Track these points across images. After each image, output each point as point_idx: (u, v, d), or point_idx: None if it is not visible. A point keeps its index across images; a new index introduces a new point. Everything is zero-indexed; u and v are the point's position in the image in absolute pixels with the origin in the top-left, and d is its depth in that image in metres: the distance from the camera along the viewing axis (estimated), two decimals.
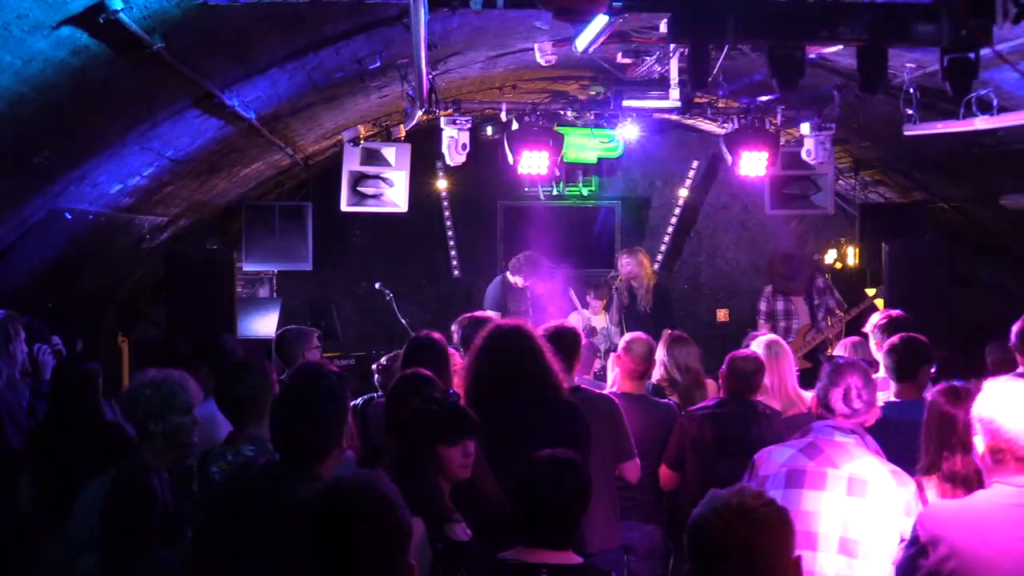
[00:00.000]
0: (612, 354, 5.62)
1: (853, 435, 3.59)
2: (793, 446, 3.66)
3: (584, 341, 5.18)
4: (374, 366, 5.40)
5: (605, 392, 5.14)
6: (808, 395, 5.40)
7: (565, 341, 4.66)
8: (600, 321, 8.87)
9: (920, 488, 3.56)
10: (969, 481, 3.35)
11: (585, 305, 9.23)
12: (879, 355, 5.43)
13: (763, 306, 8.46)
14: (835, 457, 3.52)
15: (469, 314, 5.79)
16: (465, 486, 3.53)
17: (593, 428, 4.31)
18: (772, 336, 5.69)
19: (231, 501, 3.18)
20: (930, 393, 3.83)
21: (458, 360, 4.99)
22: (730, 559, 2.01)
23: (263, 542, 2.94)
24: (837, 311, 8.20)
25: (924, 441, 3.68)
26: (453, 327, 5.65)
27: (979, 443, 2.83)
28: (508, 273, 9.14)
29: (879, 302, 8.17)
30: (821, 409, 3.69)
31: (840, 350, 6.14)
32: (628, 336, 5.45)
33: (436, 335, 4.97)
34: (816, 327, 8.09)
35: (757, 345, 5.34)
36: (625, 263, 8.69)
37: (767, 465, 3.63)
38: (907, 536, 3.03)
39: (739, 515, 2.03)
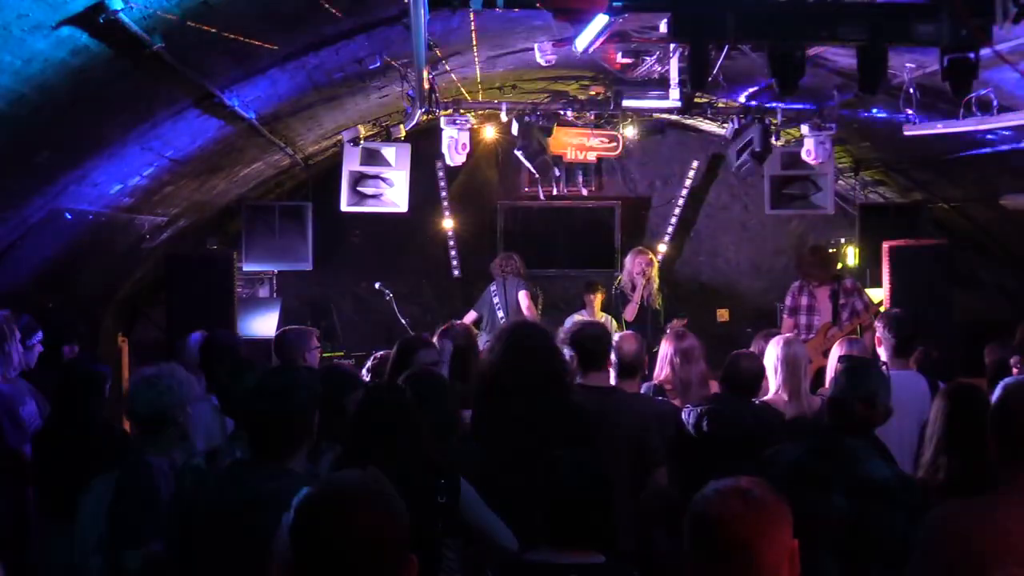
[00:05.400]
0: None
1: (864, 437, 3.58)
2: (801, 446, 3.65)
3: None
4: (367, 365, 5.40)
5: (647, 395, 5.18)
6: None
7: (597, 341, 4.72)
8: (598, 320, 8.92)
9: (925, 492, 3.56)
10: (968, 481, 3.35)
11: (582, 305, 9.30)
12: (880, 351, 5.44)
13: (788, 300, 8.43)
14: (842, 459, 3.51)
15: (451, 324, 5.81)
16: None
17: (623, 431, 4.44)
18: (788, 335, 5.69)
19: (199, 503, 3.20)
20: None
21: None
22: (726, 535, 2.03)
23: (236, 540, 2.97)
24: (863, 313, 8.15)
25: (926, 440, 3.69)
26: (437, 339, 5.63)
27: (993, 439, 2.83)
28: (499, 274, 9.22)
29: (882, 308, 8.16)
30: (837, 410, 3.63)
31: (839, 348, 6.12)
32: (617, 335, 5.45)
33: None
34: (838, 325, 8.08)
35: (774, 342, 5.30)
36: (639, 262, 8.71)
37: (774, 464, 3.62)
38: (914, 539, 3.03)
39: (736, 493, 2.06)
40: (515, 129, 7.71)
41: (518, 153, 7.75)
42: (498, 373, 4.22)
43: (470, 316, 9.09)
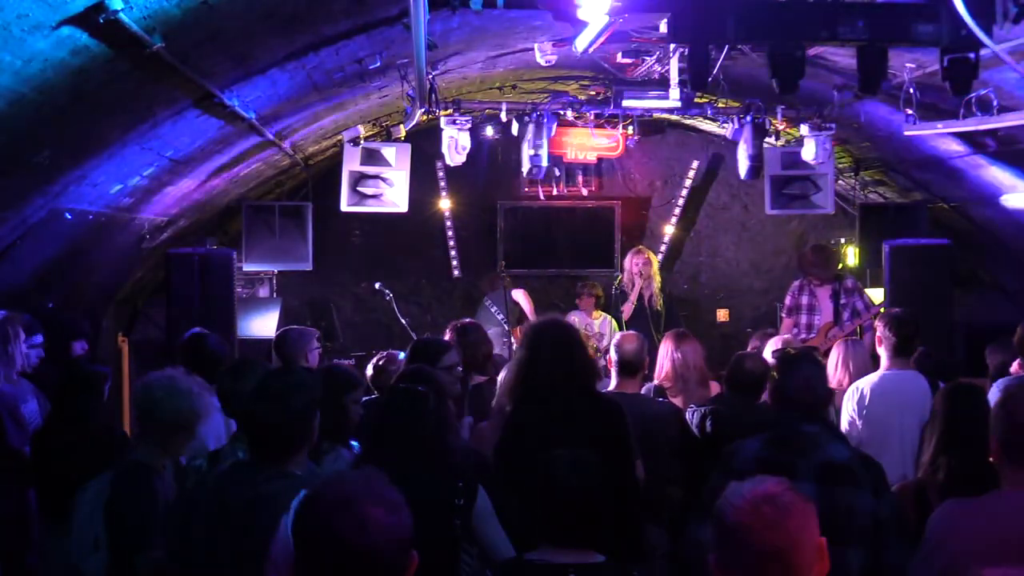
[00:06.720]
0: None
1: (818, 422, 3.60)
2: (761, 438, 3.66)
3: None
4: (369, 366, 5.39)
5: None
6: None
7: None
8: (595, 322, 8.93)
9: (926, 489, 3.56)
10: (968, 480, 3.35)
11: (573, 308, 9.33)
12: (881, 351, 5.44)
13: (788, 300, 8.43)
14: (802, 446, 3.52)
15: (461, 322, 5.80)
16: None
17: None
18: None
19: (200, 503, 3.20)
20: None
21: None
22: (761, 544, 2.02)
23: (235, 541, 2.98)
24: (864, 313, 8.16)
25: (926, 440, 3.69)
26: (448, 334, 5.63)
27: (994, 440, 2.83)
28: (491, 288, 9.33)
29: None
30: (780, 401, 3.68)
31: (837, 349, 6.14)
32: (618, 335, 5.44)
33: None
34: (839, 325, 8.09)
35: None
36: (637, 261, 8.71)
37: (738, 457, 3.63)
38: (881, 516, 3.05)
39: (766, 499, 2.05)
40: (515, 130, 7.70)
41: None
42: (533, 372, 4.21)
43: None
